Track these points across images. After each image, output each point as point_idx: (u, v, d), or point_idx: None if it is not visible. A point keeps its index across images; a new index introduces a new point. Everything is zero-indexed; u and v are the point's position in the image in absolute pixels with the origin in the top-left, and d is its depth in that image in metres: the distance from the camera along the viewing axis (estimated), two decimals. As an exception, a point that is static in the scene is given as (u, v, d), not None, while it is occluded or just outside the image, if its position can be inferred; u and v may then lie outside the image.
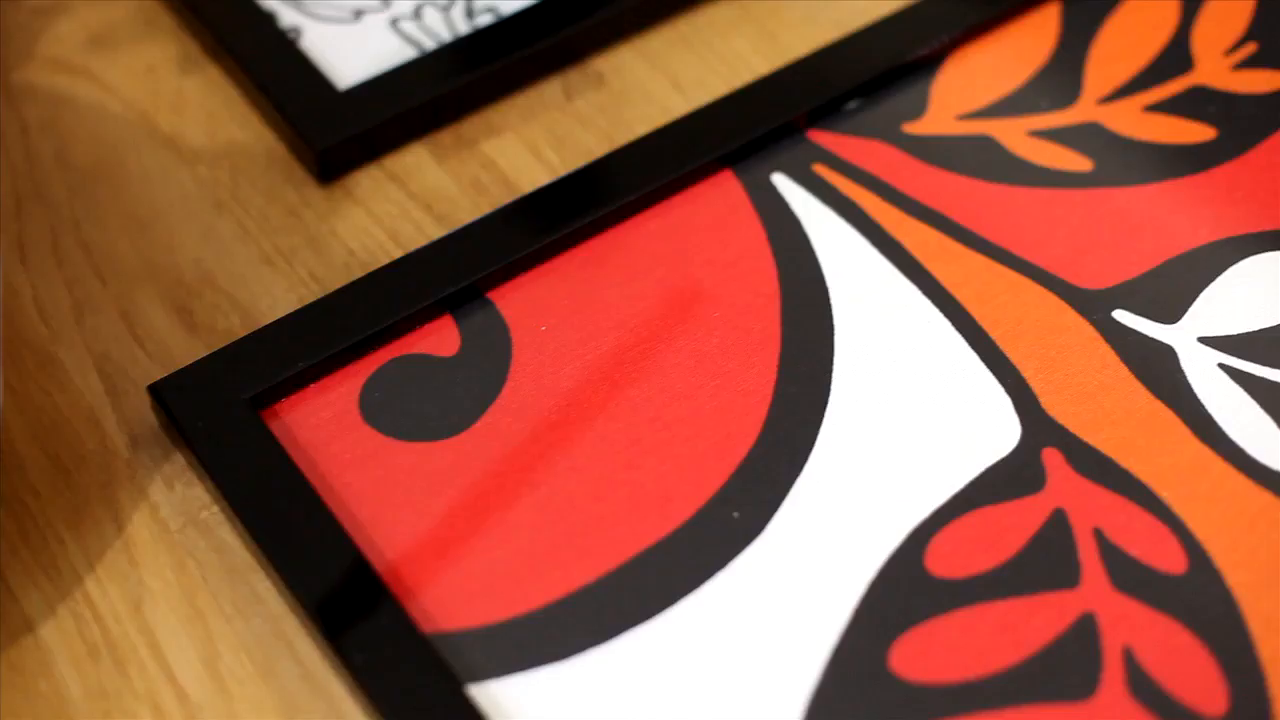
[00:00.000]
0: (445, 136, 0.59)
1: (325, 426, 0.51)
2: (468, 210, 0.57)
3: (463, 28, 0.62)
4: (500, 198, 0.57)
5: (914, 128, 0.58)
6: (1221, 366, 0.51)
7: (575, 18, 0.61)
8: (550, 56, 0.61)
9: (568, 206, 0.55)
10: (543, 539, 0.48)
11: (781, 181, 0.56)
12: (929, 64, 0.60)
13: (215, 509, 0.50)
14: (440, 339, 0.53)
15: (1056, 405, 0.51)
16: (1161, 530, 0.48)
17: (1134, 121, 0.58)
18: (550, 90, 0.61)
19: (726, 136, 0.57)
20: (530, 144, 0.59)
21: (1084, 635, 0.46)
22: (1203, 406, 0.50)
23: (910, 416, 0.51)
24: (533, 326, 0.53)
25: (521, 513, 0.49)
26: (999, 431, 0.50)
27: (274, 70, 0.60)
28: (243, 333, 0.53)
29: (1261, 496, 0.48)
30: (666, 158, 0.56)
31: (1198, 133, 0.57)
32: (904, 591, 0.47)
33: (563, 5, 0.61)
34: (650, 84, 0.61)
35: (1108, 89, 0.59)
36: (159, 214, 0.57)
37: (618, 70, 0.61)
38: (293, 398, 0.51)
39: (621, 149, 0.57)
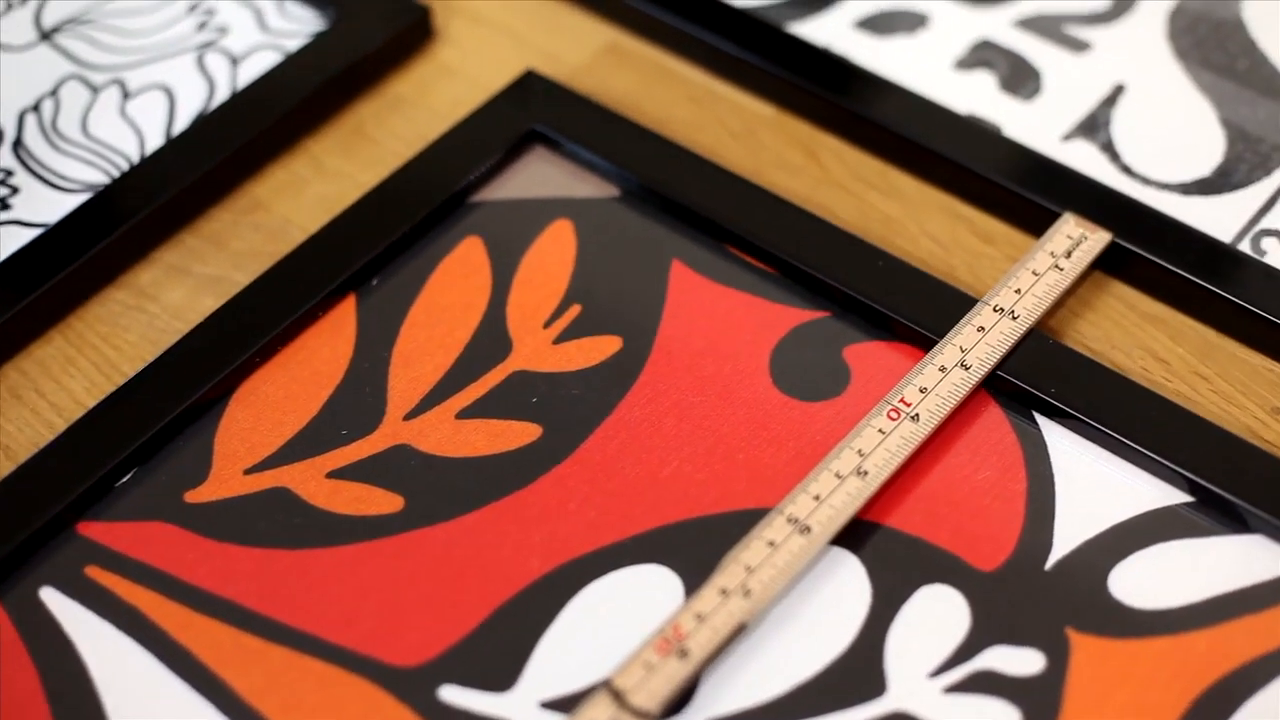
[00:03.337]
0: None
1: None
2: None
3: None
4: None
5: (197, 495, 0.49)
6: (569, 733, 0.44)
7: None
8: None
9: None
10: None
11: (51, 597, 0.47)
12: (210, 408, 0.51)
13: None
14: None
15: (384, 827, 0.43)
16: None
17: (447, 436, 0.50)
18: None
19: (-16, 551, 0.48)
20: None
21: None
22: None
23: None
24: None
25: None
26: None
27: None
28: None
29: None
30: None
31: (520, 434, 0.50)
32: None
33: None
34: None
35: (415, 398, 0.51)
36: None
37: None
38: None
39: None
